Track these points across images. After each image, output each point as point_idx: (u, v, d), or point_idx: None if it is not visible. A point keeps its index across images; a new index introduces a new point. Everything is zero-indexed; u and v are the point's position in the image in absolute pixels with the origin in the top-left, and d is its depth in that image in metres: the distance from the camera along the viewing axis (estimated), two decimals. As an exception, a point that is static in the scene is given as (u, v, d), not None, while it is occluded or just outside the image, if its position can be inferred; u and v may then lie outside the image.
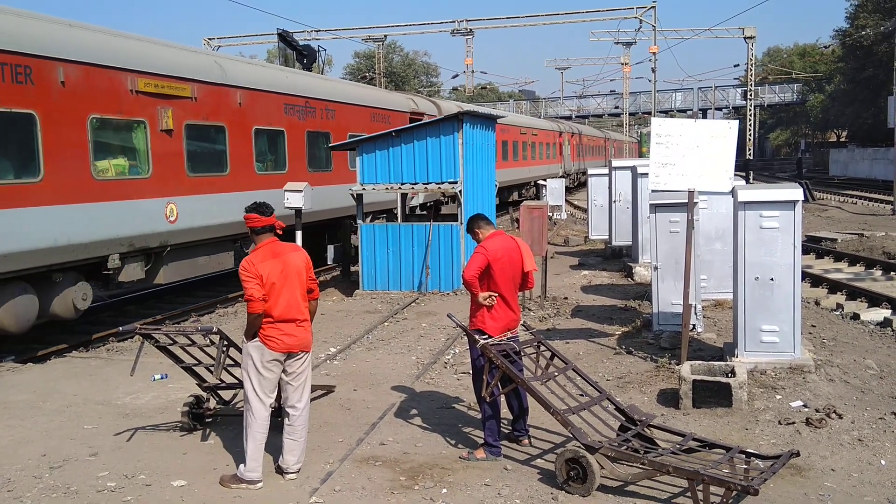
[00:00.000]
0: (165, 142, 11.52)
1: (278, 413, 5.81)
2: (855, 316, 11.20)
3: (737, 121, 8.61)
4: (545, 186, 26.09)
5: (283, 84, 14.92)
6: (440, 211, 20.23)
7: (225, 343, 6.25)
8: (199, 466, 5.82)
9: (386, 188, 13.38)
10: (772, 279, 7.43)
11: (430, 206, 20.41)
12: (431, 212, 19.36)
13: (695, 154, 7.83)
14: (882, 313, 11.47)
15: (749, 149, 44.28)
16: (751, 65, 45.96)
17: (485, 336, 5.85)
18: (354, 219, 13.87)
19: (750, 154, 44.62)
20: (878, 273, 15.20)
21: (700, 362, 7.29)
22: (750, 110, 46.39)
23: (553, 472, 5.34)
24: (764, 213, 7.41)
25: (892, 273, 14.95)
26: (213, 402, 6.81)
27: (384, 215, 18.35)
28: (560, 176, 35.93)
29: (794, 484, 5.37)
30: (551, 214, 22.23)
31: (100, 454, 6.08)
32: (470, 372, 6.63)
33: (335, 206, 15.93)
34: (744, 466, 5.23)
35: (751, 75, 46.42)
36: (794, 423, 6.38)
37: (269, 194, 12.20)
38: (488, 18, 41.09)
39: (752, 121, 46.94)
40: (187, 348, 6.62)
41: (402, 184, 13.25)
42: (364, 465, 5.77)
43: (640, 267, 13.60)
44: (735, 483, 4.76)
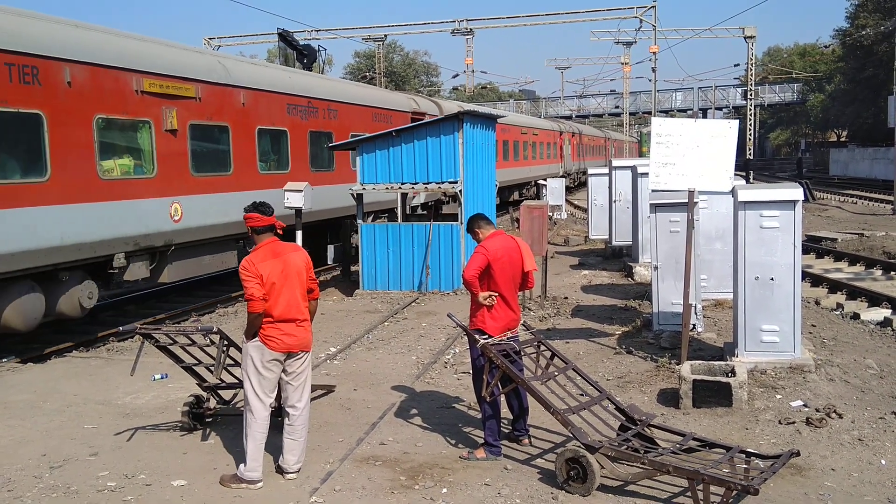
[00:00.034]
0: (170, 142, 11.57)
1: (278, 413, 5.81)
2: (855, 315, 11.20)
3: (737, 120, 8.61)
4: (545, 186, 26.08)
5: (286, 84, 14.93)
6: (441, 210, 20.23)
7: (225, 343, 6.26)
8: (200, 466, 5.82)
9: (386, 188, 13.37)
10: (772, 279, 7.43)
11: (432, 206, 20.41)
12: (432, 211, 19.37)
13: (695, 154, 7.83)
14: (882, 313, 11.48)
15: (749, 148, 44.30)
16: (751, 64, 45.98)
17: (485, 336, 5.85)
18: (356, 218, 13.87)
19: (750, 154, 44.64)
20: (879, 273, 15.20)
21: (700, 362, 7.29)
22: (750, 110, 46.42)
23: (553, 472, 5.34)
24: (764, 213, 7.41)
25: (893, 273, 14.95)
26: (214, 402, 6.81)
27: (386, 215, 18.36)
28: (560, 176, 35.93)
29: (795, 483, 5.38)
30: (551, 214, 22.22)
31: (100, 454, 6.08)
32: (470, 372, 6.63)
33: (338, 206, 15.94)
34: (744, 466, 5.23)
35: (751, 75, 46.44)
36: (795, 423, 6.38)
37: (272, 194, 12.27)
38: (488, 18, 41.07)
39: (753, 120, 46.96)
40: (187, 348, 6.63)
41: (403, 183, 13.25)
42: (364, 465, 5.77)
43: (641, 267, 13.60)
44: (735, 483, 4.76)
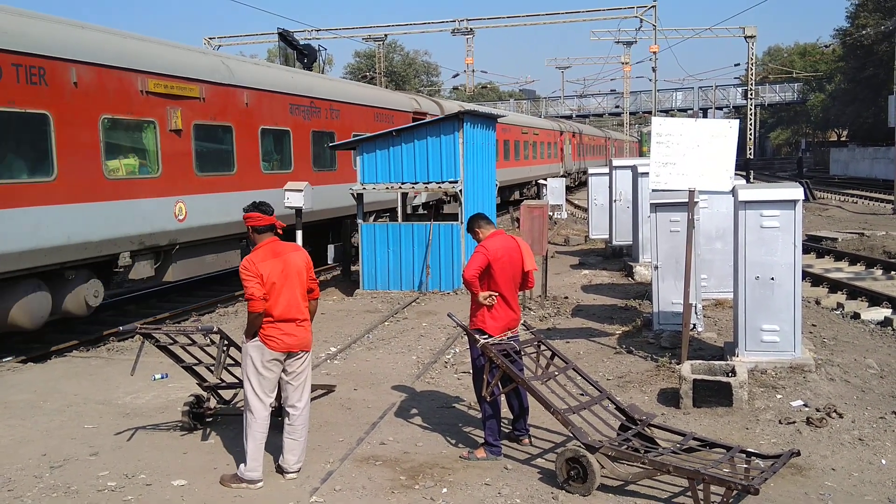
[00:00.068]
0: (174, 142, 11.63)
1: (278, 413, 5.81)
2: (855, 315, 11.20)
3: (737, 120, 8.60)
4: (545, 186, 26.07)
5: (289, 84, 14.99)
6: (442, 210, 20.23)
7: (225, 342, 6.26)
8: (200, 466, 5.82)
9: (386, 188, 13.37)
10: (772, 278, 7.43)
11: (433, 205, 20.42)
12: (432, 211, 19.37)
13: (695, 153, 7.83)
14: (882, 312, 11.48)
15: (749, 148, 44.31)
16: (751, 64, 45.97)
17: (485, 335, 5.85)
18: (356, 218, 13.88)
19: (750, 153, 44.65)
20: (879, 272, 15.19)
21: (700, 362, 7.29)
22: (750, 109, 46.42)
23: (553, 472, 5.34)
24: (764, 213, 7.41)
25: (893, 272, 14.94)
26: (214, 402, 6.81)
27: (387, 214, 18.37)
28: (561, 175, 35.93)
29: (795, 483, 5.37)
30: (552, 214, 22.21)
31: (100, 454, 6.08)
32: (470, 371, 6.63)
33: (340, 205, 15.97)
34: (744, 466, 5.23)
35: (751, 74, 46.44)
36: (795, 423, 6.38)
37: (275, 194, 12.33)
38: (489, 18, 41.01)
39: (753, 120, 46.96)
40: (188, 348, 6.63)
41: (403, 183, 13.24)
42: (364, 465, 5.77)
43: (641, 266, 13.59)
44: (735, 482, 4.76)
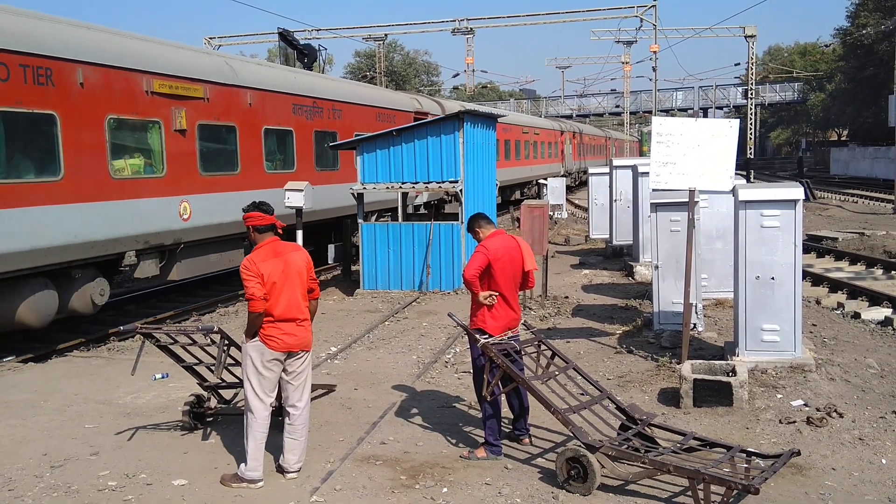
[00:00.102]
0: (179, 141, 11.72)
1: (279, 412, 5.81)
2: (856, 315, 11.20)
3: (737, 119, 8.60)
4: (546, 185, 26.07)
5: (292, 84, 15.07)
6: (443, 209, 20.24)
7: (226, 342, 6.27)
8: (200, 465, 5.82)
9: (387, 187, 13.38)
10: (773, 278, 7.43)
11: (434, 205, 20.42)
12: (433, 211, 19.37)
13: (696, 153, 7.83)
14: (883, 312, 11.48)
15: (750, 148, 44.30)
16: (751, 64, 45.96)
17: (485, 335, 5.85)
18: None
19: (751, 153, 44.64)
20: (879, 272, 15.19)
21: (701, 361, 7.29)
22: (751, 109, 46.39)
23: (554, 472, 5.34)
24: (765, 212, 7.40)
25: (893, 272, 14.94)
26: (214, 402, 6.81)
27: (389, 214, 18.38)
28: (561, 175, 35.93)
29: (795, 483, 5.37)
30: (552, 213, 22.21)
31: (101, 453, 6.08)
32: (470, 371, 6.63)
33: (342, 205, 16.02)
34: (745, 465, 5.23)
35: (751, 74, 46.42)
36: (795, 422, 6.38)
37: (278, 193, 12.39)
38: (489, 17, 40.95)
39: (753, 120, 46.96)
40: (188, 347, 6.63)
41: (403, 183, 13.25)
42: (365, 465, 5.77)
43: (641, 266, 13.59)
44: (736, 482, 4.76)
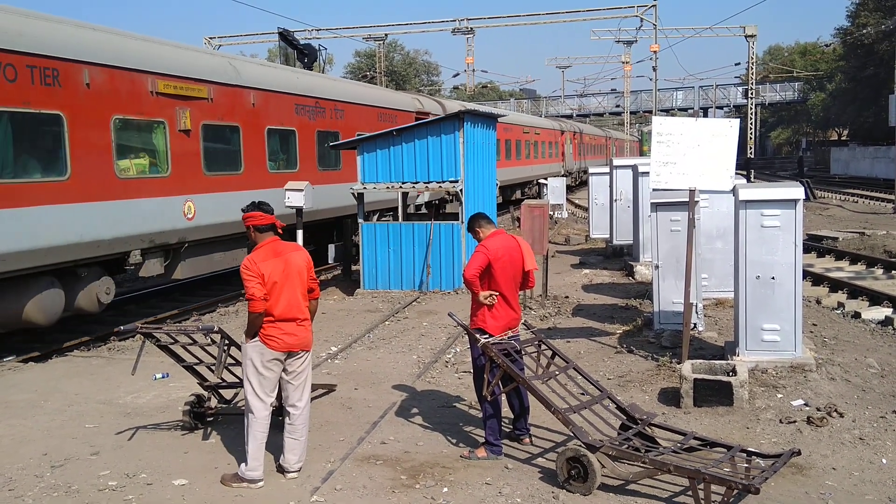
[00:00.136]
0: (183, 141, 11.81)
1: (279, 412, 5.81)
2: (856, 315, 11.21)
3: (738, 119, 8.60)
4: (546, 185, 26.07)
5: (295, 85, 15.15)
6: (445, 209, 20.25)
7: (226, 342, 6.27)
8: (201, 465, 5.82)
9: (387, 187, 13.38)
10: (773, 278, 7.43)
11: (436, 204, 20.43)
12: (433, 210, 19.37)
13: (696, 153, 7.82)
14: (883, 312, 11.48)
15: (750, 147, 44.30)
16: (752, 63, 45.97)
17: (486, 335, 5.85)
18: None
19: (751, 153, 44.64)
20: (880, 272, 15.19)
21: (701, 361, 7.29)
22: (751, 109, 46.40)
23: (554, 471, 5.34)
24: (765, 212, 7.40)
25: (894, 272, 14.94)
26: (215, 401, 6.81)
27: (391, 213, 18.40)
28: (561, 175, 35.92)
29: (796, 483, 5.37)
30: (552, 213, 22.21)
31: (101, 453, 6.08)
32: (471, 371, 6.63)
33: (345, 204, 16.06)
34: (745, 465, 5.23)
35: (752, 74, 46.43)
36: (796, 422, 6.38)
37: (281, 193, 12.47)
38: (489, 17, 40.95)
39: (753, 119, 46.96)
40: (188, 347, 6.63)
41: (403, 183, 13.25)
42: (365, 464, 5.77)
43: (641, 266, 13.59)
44: (736, 482, 4.76)
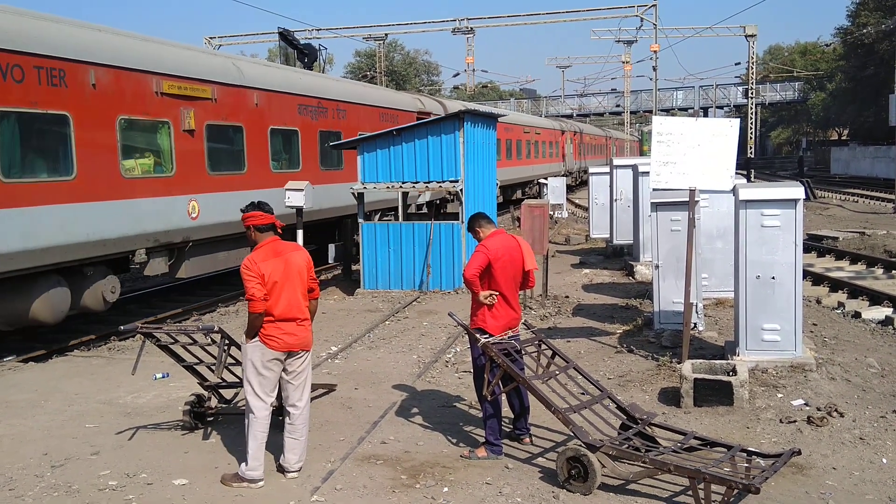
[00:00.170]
0: (188, 141, 11.89)
1: (279, 412, 5.81)
2: (856, 314, 11.20)
3: (738, 119, 8.60)
4: (546, 185, 26.08)
5: (297, 85, 15.23)
6: (446, 208, 20.28)
7: (226, 342, 6.27)
8: (201, 465, 5.82)
9: (387, 187, 13.39)
10: (773, 278, 7.43)
11: (437, 204, 20.46)
12: (433, 210, 19.38)
13: (696, 152, 7.82)
14: (883, 311, 11.48)
15: (750, 147, 44.31)
16: (752, 63, 45.98)
17: (486, 335, 5.85)
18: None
19: (751, 152, 44.65)
20: (880, 271, 15.19)
21: (701, 361, 7.29)
22: (751, 108, 46.41)
23: (554, 471, 5.34)
24: (765, 212, 7.40)
25: (894, 271, 14.93)
26: (215, 401, 6.81)
27: (392, 213, 18.42)
28: (562, 174, 35.93)
29: (796, 482, 5.37)
30: (552, 213, 22.21)
31: (101, 453, 6.08)
32: (471, 370, 6.63)
33: (347, 204, 16.10)
34: (745, 465, 5.23)
35: (752, 73, 46.43)
36: (796, 422, 6.38)
37: (285, 192, 12.39)
38: (489, 17, 40.97)
39: (754, 119, 46.98)
40: (189, 347, 6.63)
41: (404, 182, 13.25)
42: (365, 464, 5.77)
43: (642, 265, 13.59)
44: (736, 481, 4.76)
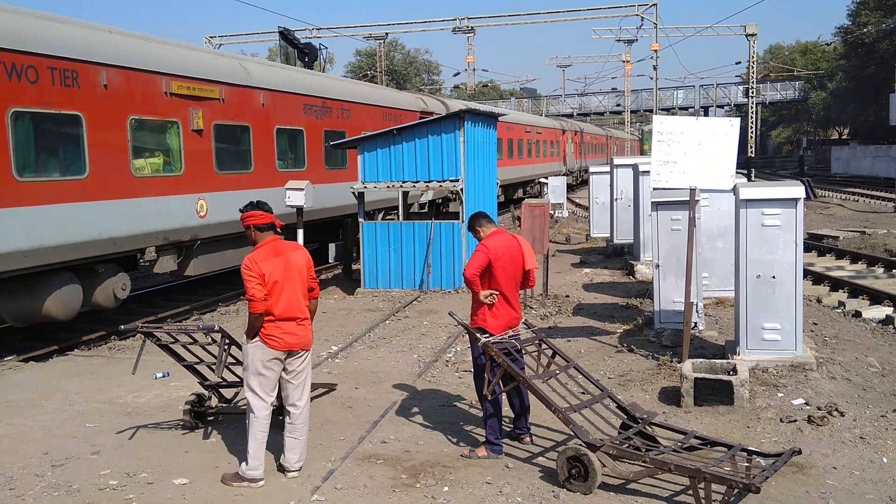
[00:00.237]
0: (196, 141, 12.04)
1: (279, 411, 5.81)
2: (857, 314, 11.20)
3: (738, 118, 8.59)
4: (547, 184, 26.06)
5: (303, 85, 15.37)
6: (447, 207, 20.31)
7: (227, 341, 6.27)
8: (201, 465, 5.82)
9: (387, 186, 13.39)
10: (773, 277, 7.42)
11: (439, 203, 20.49)
12: (433, 209, 19.41)
13: (696, 152, 7.82)
14: (884, 311, 11.47)
15: (751, 146, 44.30)
16: (752, 62, 45.96)
17: (486, 334, 5.85)
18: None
19: (752, 152, 44.63)
20: (880, 271, 15.19)
21: (702, 360, 7.29)
22: (752, 108, 46.39)
23: (555, 470, 5.34)
24: (766, 211, 7.40)
25: (894, 271, 14.93)
26: (215, 401, 6.81)
27: (395, 212, 18.43)
28: (562, 174, 35.93)
29: (796, 482, 5.37)
30: (553, 212, 22.19)
31: (102, 452, 6.08)
32: (471, 370, 6.63)
33: (351, 203, 16.10)
34: (745, 464, 5.23)
35: (752, 73, 46.41)
36: (796, 421, 6.38)
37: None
38: (490, 16, 40.99)
39: (754, 118, 46.97)
40: (189, 346, 6.64)
41: (404, 182, 13.24)
42: (365, 464, 5.77)
43: (642, 265, 13.59)
44: (737, 481, 4.76)
